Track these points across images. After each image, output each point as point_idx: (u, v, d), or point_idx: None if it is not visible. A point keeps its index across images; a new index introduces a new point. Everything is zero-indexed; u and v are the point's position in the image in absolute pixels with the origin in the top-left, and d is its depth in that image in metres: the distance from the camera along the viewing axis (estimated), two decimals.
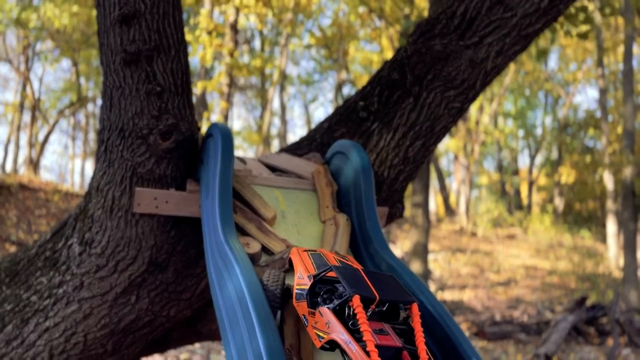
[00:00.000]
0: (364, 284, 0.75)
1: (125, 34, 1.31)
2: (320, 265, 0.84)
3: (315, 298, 0.78)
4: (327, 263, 0.86)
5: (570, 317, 6.38)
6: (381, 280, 0.78)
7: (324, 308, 0.75)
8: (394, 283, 0.79)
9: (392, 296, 0.75)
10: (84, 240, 1.41)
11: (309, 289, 0.79)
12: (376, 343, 0.68)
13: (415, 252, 6.96)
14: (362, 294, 0.72)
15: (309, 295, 0.79)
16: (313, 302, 0.78)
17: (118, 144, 1.32)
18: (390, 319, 0.76)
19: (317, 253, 0.90)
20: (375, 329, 0.71)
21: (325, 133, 1.61)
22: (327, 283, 0.78)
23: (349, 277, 0.75)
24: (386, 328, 0.73)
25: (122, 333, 1.46)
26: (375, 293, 0.73)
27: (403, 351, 0.70)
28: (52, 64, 13.21)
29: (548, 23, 1.68)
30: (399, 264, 1.08)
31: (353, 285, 0.74)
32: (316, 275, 0.79)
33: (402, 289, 0.78)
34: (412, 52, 1.60)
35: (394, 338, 0.71)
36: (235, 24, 7.92)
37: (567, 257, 12.28)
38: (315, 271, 0.82)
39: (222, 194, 1.10)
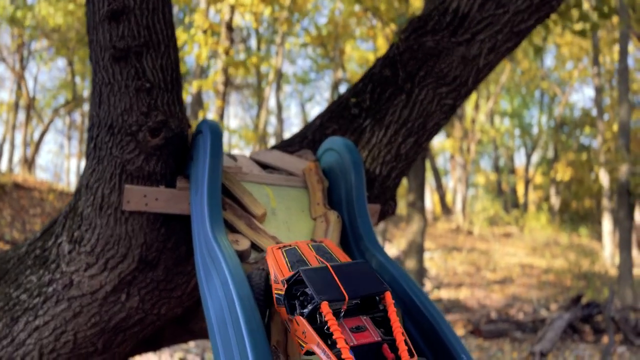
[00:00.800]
0: (333, 284, 0.73)
1: (114, 30, 1.30)
2: (294, 262, 0.83)
3: (292, 301, 0.76)
4: (302, 258, 0.84)
5: (566, 315, 6.40)
6: (352, 273, 0.76)
7: (299, 317, 0.73)
8: (366, 273, 0.77)
9: (363, 290, 0.73)
10: (74, 238, 1.40)
11: (285, 294, 0.77)
12: (352, 344, 0.67)
13: (411, 250, 6.96)
14: (330, 299, 0.70)
15: (286, 300, 0.77)
16: (291, 306, 0.76)
17: (107, 141, 1.31)
18: (369, 309, 0.74)
19: (292, 248, 0.88)
20: (352, 327, 0.70)
21: (317, 130, 1.60)
22: (301, 283, 0.76)
23: (317, 280, 0.73)
24: (364, 322, 0.72)
25: (112, 331, 1.45)
26: (344, 293, 0.72)
27: (383, 344, 0.69)
28: (47, 63, 13.16)
29: (540, 19, 1.67)
30: (389, 261, 1.08)
31: (320, 290, 0.72)
32: (288, 280, 0.77)
33: (375, 278, 0.76)
34: (404, 49, 1.60)
35: (372, 332, 0.70)
36: (230, 23, 7.90)
37: (563, 255, 12.30)
38: (289, 271, 0.81)
39: (210, 191, 1.09)
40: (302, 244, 0.89)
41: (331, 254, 0.87)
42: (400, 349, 0.68)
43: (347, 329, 0.70)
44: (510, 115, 20.35)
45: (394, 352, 0.69)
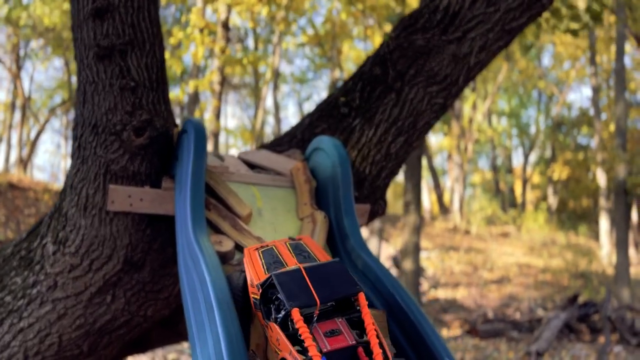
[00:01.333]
0: (304, 289, 0.71)
1: (98, 28, 1.28)
2: (270, 264, 0.81)
3: (269, 305, 0.74)
4: (279, 259, 0.82)
5: (563, 315, 6.39)
6: (325, 275, 0.74)
7: (272, 323, 0.72)
8: (340, 274, 0.75)
9: (336, 293, 0.71)
10: (58, 239, 1.38)
11: (261, 298, 0.75)
12: (326, 350, 0.66)
13: (407, 250, 6.95)
14: (300, 305, 0.69)
15: (262, 304, 0.75)
16: (267, 311, 0.74)
17: (91, 140, 1.29)
18: (345, 309, 0.73)
19: (269, 249, 0.86)
20: (327, 331, 0.68)
21: (306, 129, 1.59)
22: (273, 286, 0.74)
23: (288, 285, 0.71)
24: (339, 325, 0.70)
25: (97, 334, 1.43)
26: (316, 297, 0.70)
27: (358, 347, 0.67)
28: (43, 62, 13.11)
29: (532, 18, 1.66)
30: (375, 261, 1.06)
31: (291, 295, 0.70)
32: (263, 284, 0.75)
33: (349, 279, 0.74)
34: (394, 47, 1.58)
35: (347, 336, 0.68)
36: (227, 22, 7.88)
37: (560, 254, 12.30)
38: (265, 274, 0.79)
39: (194, 191, 1.07)
40: (279, 244, 0.87)
41: (309, 252, 0.85)
42: (375, 353, 0.66)
43: (322, 333, 0.68)
44: (507, 114, 20.36)
45: (369, 356, 0.67)
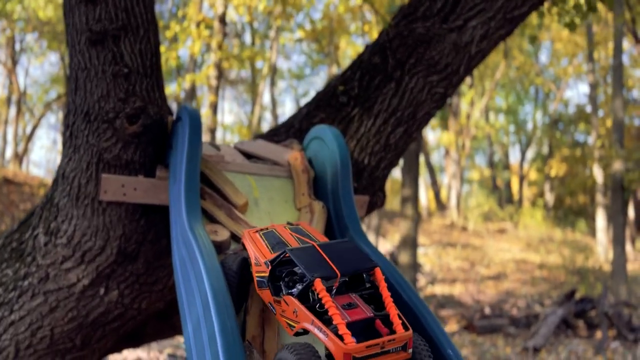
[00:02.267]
0: (323, 262, 0.71)
1: (90, 13, 1.25)
2: (274, 245, 0.80)
3: (277, 282, 0.74)
4: (281, 240, 0.81)
5: (559, 311, 6.38)
6: (339, 251, 0.74)
7: (289, 296, 0.71)
8: (354, 250, 0.75)
9: (353, 267, 0.72)
10: (50, 230, 1.35)
11: (269, 276, 0.75)
12: (347, 321, 0.65)
13: (404, 244, 6.93)
14: (322, 276, 0.69)
15: (271, 282, 0.74)
16: (276, 288, 0.74)
17: (83, 128, 1.26)
18: (356, 287, 0.73)
19: (270, 231, 0.85)
20: (344, 304, 0.68)
21: (304, 119, 1.56)
22: (286, 264, 0.74)
23: (306, 258, 0.71)
24: (354, 299, 0.70)
25: (91, 327, 1.40)
26: (336, 270, 0.70)
27: (376, 320, 0.67)
28: (39, 57, 13.01)
29: (534, 6, 1.63)
30: (375, 252, 1.04)
31: (311, 268, 0.70)
32: (273, 261, 0.75)
33: (362, 255, 0.75)
34: (393, 35, 1.55)
35: (364, 309, 0.68)
36: (223, 16, 7.83)
37: (557, 251, 12.31)
38: (271, 253, 0.78)
39: (188, 179, 1.04)
40: (279, 227, 0.86)
41: (309, 235, 0.84)
42: (395, 323, 0.66)
43: (339, 306, 0.68)
44: (505, 111, 20.34)
45: (389, 327, 0.67)
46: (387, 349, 0.65)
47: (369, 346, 0.63)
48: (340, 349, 0.62)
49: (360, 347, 0.62)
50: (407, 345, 0.66)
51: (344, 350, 0.62)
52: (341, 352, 0.62)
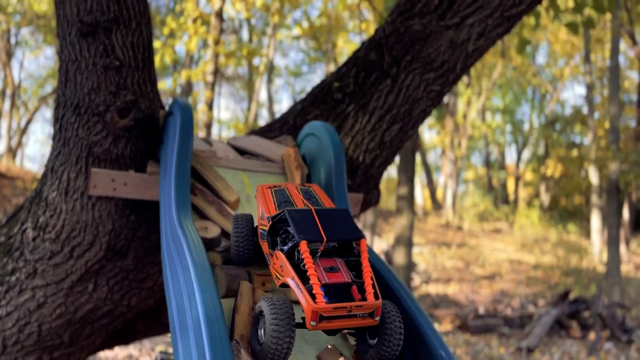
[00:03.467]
0: (313, 226, 0.76)
1: (82, 4, 1.23)
2: (281, 202, 0.86)
3: (275, 237, 0.81)
4: (289, 199, 0.87)
5: (553, 311, 6.39)
6: (332, 218, 0.79)
7: (279, 252, 0.77)
8: (346, 220, 0.80)
9: (341, 235, 0.77)
10: (38, 225, 1.32)
11: (269, 230, 0.81)
12: (324, 282, 0.71)
13: (399, 244, 6.92)
14: (309, 239, 0.74)
15: (270, 235, 0.81)
16: (273, 242, 0.81)
17: (73, 121, 1.23)
18: (344, 253, 0.78)
19: (281, 189, 0.90)
20: (326, 267, 0.73)
21: (299, 115, 1.54)
22: (285, 222, 0.79)
23: (299, 220, 0.77)
24: (338, 264, 0.75)
25: (79, 323, 1.38)
26: (323, 235, 0.75)
27: (352, 285, 0.72)
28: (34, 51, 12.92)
29: (532, 5, 1.61)
30: (369, 251, 1.02)
31: (301, 230, 0.75)
32: (273, 217, 0.81)
33: (353, 225, 0.79)
34: (390, 32, 1.53)
35: (344, 274, 0.73)
36: (220, 12, 7.79)
37: (552, 251, 12.34)
38: (276, 210, 0.84)
39: (178, 174, 1.02)
40: (291, 187, 0.92)
41: (317, 198, 0.90)
42: (367, 292, 0.71)
43: (322, 268, 0.73)
44: (501, 111, 20.36)
45: (362, 294, 0.72)
46: (354, 313, 0.70)
47: (336, 308, 0.69)
48: (310, 306, 0.68)
49: (327, 307, 0.68)
50: (374, 313, 0.71)
51: (313, 307, 0.68)
52: (310, 309, 0.68)
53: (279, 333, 0.68)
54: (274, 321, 0.69)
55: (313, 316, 0.68)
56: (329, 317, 0.69)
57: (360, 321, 0.71)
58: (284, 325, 0.69)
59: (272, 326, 0.69)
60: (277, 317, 0.69)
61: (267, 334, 0.70)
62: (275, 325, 0.69)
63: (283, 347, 0.69)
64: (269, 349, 0.69)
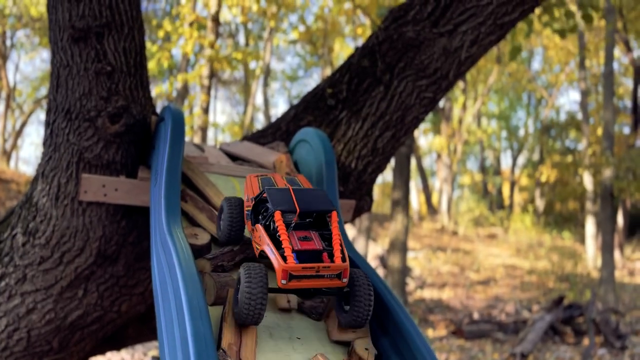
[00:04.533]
0: (289, 200, 0.83)
1: (74, 9, 1.23)
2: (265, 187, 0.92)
3: (257, 216, 0.87)
4: (274, 185, 0.93)
5: (548, 317, 6.40)
6: (308, 195, 0.86)
7: (258, 224, 0.85)
8: (320, 196, 0.87)
9: (313, 207, 0.84)
10: (28, 230, 1.32)
11: (252, 209, 0.89)
12: (296, 248, 0.77)
13: (394, 249, 6.92)
14: (282, 209, 0.82)
15: (253, 215, 0.89)
16: (256, 220, 0.88)
17: (64, 126, 1.23)
18: (320, 227, 0.84)
19: (268, 177, 0.97)
20: (300, 237, 0.80)
21: (291, 121, 1.54)
22: (266, 201, 0.86)
23: (276, 196, 0.84)
24: (312, 235, 0.81)
25: (69, 329, 1.37)
26: (296, 206, 0.82)
27: (323, 252, 0.79)
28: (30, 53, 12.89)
29: (525, 13, 1.62)
30: (360, 260, 1.02)
31: (277, 203, 0.83)
32: (256, 197, 0.89)
33: (327, 200, 0.86)
34: (383, 39, 1.54)
35: (316, 242, 0.80)
36: (217, 16, 7.79)
37: (547, 257, 12.37)
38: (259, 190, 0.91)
39: (169, 180, 1.02)
40: (277, 176, 0.98)
41: (300, 185, 0.96)
42: (336, 256, 0.78)
43: (296, 237, 0.80)
44: (497, 117, 20.43)
45: (331, 260, 0.78)
46: (321, 273, 0.77)
47: (305, 267, 0.75)
48: (281, 265, 0.75)
49: (297, 267, 0.75)
50: (342, 274, 0.78)
51: (283, 267, 0.75)
52: (281, 268, 0.75)
53: (251, 294, 0.75)
54: (247, 283, 0.76)
55: (283, 275, 0.75)
56: (298, 276, 0.76)
57: (328, 282, 0.78)
58: (256, 287, 0.75)
59: (246, 287, 0.76)
60: (250, 280, 0.76)
61: (241, 294, 0.76)
62: (248, 287, 0.75)
63: (256, 308, 0.76)
64: (243, 309, 0.76)
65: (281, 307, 0.91)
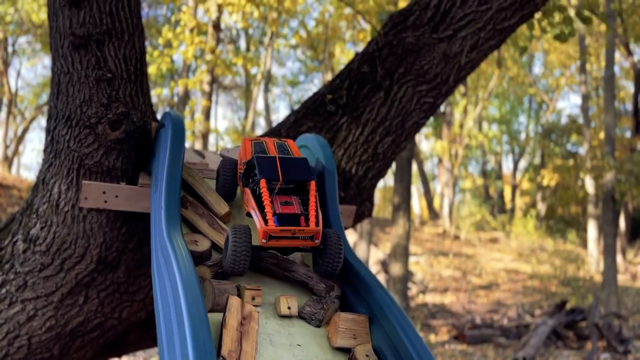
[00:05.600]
0: (274, 169, 0.94)
1: (74, 17, 1.23)
2: (258, 152, 1.01)
3: (247, 178, 0.99)
4: (265, 151, 1.02)
5: (550, 321, 6.38)
6: (292, 164, 0.97)
7: (246, 188, 0.97)
8: (304, 166, 0.98)
9: (295, 176, 0.95)
10: (29, 237, 1.32)
11: (244, 173, 1.00)
12: (278, 212, 0.89)
13: (396, 253, 6.90)
14: (267, 177, 0.93)
15: (244, 177, 1.00)
16: (246, 182, 0.99)
17: (65, 133, 1.23)
18: (300, 193, 0.95)
19: (260, 142, 1.06)
20: (282, 202, 0.91)
21: (291, 127, 1.54)
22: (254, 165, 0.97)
23: (263, 164, 0.95)
24: (292, 200, 0.92)
25: (69, 336, 1.37)
26: (280, 175, 0.94)
27: (301, 216, 0.90)
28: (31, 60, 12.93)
29: (524, 18, 1.62)
30: (360, 265, 1.02)
31: (263, 171, 0.94)
32: (247, 162, 0.99)
33: (309, 170, 0.97)
34: (383, 45, 1.54)
35: (296, 207, 0.91)
36: (217, 22, 7.82)
37: (549, 261, 12.33)
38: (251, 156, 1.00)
39: (169, 187, 1.02)
40: (269, 141, 1.07)
41: (289, 151, 1.06)
42: (311, 220, 0.90)
43: (279, 202, 0.91)
44: (498, 121, 20.43)
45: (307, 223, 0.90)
46: (297, 235, 0.89)
47: (282, 230, 0.87)
48: (262, 227, 0.87)
49: (275, 229, 0.87)
50: (314, 236, 0.90)
51: (264, 229, 0.87)
52: (262, 230, 0.87)
53: (236, 250, 0.87)
54: (234, 239, 0.88)
55: (264, 235, 0.87)
56: (276, 237, 0.88)
57: (303, 242, 0.90)
58: (241, 244, 0.87)
59: (233, 244, 0.87)
60: (236, 237, 0.88)
61: (228, 250, 0.88)
62: (234, 243, 0.87)
63: (241, 261, 0.88)
64: (229, 262, 0.88)
65: (282, 313, 0.91)
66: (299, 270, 0.99)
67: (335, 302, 0.94)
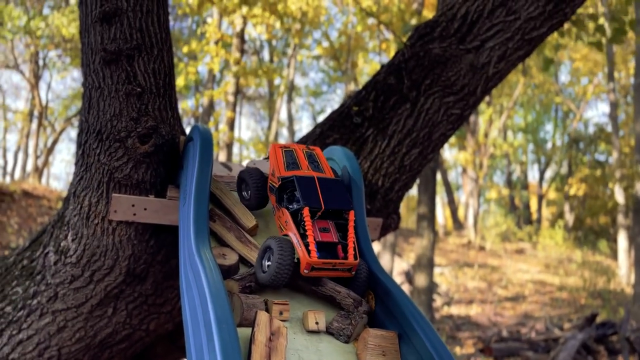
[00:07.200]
0: (315, 194, 0.96)
1: (105, 33, 1.25)
2: (289, 163, 1.04)
3: (282, 194, 1.00)
4: (296, 162, 1.04)
5: (580, 335, 6.22)
6: (331, 188, 0.99)
7: (285, 209, 0.97)
8: (341, 191, 1.00)
9: (336, 204, 0.97)
10: (60, 249, 1.34)
11: (278, 188, 1.01)
12: (318, 240, 0.91)
13: (420, 264, 6.83)
14: (311, 205, 0.94)
15: (278, 191, 1.01)
16: (280, 198, 1.00)
17: (95, 147, 1.25)
18: (336, 216, 0.97)
19: (290, 150, 1.08)
20: (321, 227, 0.93)
21: (317, 139, 1.54)
22: (292, 183, 0.98)
23: (305, 187, 0.97)
24: (329, 225, 0.95)
25: (98, 347, 1.38)
26: (322, 204, 0.95)
27: (338, 245, 0.93)
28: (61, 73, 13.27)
29: (553, 27, 1.60)
30: (388, 280, 1.01)
31: (306, 196, 0.95)
32: (284, 179, 1.00)
33: (347, 197, 1.00)
34: (409, 56, 1.53)
35: (333, 234, 0.94)
36: (242, 34, 7.91)
37: (578, 272, 12.06)
38: (285, 170, 1.02)
39: (197, 200, 1.02)
40: (297, 149, 1.09)
41: (318, 162, 1.08)
42: (349, 253, 0.92)
43: (317, 228, 0.93)
44: (524, 130, 20.16)
45: (345, 253, 0.93)
46: (337, 267, 0.92)
47: (325, 262, 0.90)
48: (305, 258, 0.89)
49: (318, 261, 0.89)
50: (351, 269, 0.94)
51: (308, 260, 0.89)
52: (305, 260, 0.89)
53: (281, 262, 0.88)
54: (279, 252, 0.89)
55: (307, 266, 0.89)
56: (318, 269, 0.90)
57: (340, 274, 0.93)
58: (287, 258, 0.89)
59: (279, 256, 0.89)
60: (282, 250, 0.89)
61: (273, 261, 0.89)
62: (280, 256, 0.89)
63: (283, 274, 0.89)
64: (272, 275, 0.89)
65: (309, 329, 0.90)
66: (326, 285, 0.98)
67: (363, 317, 0.93)
